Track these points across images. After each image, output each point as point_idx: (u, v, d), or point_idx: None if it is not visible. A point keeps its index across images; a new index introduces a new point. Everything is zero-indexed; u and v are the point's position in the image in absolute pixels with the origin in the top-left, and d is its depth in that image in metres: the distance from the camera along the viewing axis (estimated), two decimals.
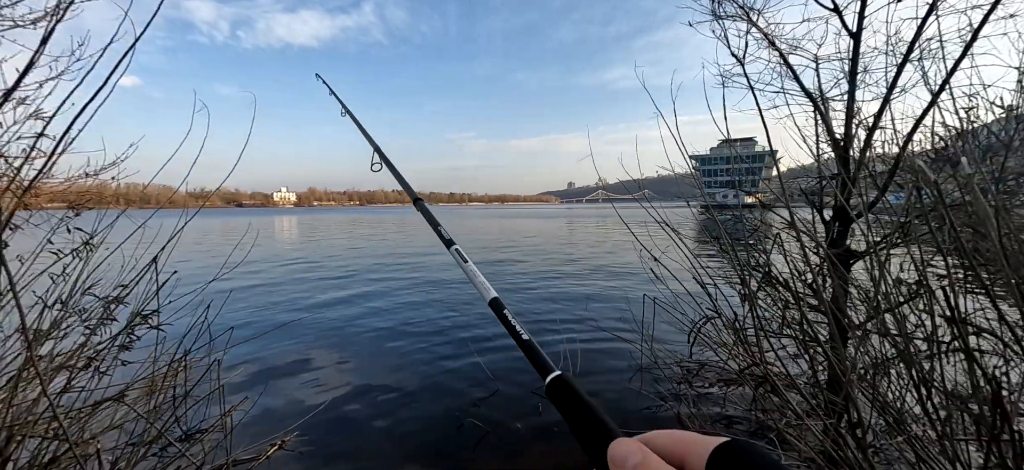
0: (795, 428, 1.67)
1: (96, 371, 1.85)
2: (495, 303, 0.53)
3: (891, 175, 2.38)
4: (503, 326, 0.49)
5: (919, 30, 2.29)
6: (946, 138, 2.34)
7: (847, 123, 2.67)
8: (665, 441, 0.32)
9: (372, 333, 5.55)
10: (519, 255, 13.54)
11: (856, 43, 2.63)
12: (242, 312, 6.53)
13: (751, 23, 2.79)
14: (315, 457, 2.84)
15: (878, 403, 1.61)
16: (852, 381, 1.36)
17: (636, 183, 3.03)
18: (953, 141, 2.26)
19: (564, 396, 0.38)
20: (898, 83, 2.49)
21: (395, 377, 4.15)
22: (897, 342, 1.52)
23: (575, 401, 0.37)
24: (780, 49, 2.87)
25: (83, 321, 2.03)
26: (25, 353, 1.57)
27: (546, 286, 8.72)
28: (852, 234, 2.77)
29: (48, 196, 2.49)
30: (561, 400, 0.39)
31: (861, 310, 2.31)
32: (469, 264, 0.62)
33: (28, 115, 2.17)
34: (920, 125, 2.30)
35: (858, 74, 2.66)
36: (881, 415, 1.60)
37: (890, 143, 2.65)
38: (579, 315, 6.17)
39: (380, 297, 7.68)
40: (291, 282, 9.29)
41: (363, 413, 3.43)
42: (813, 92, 2.90)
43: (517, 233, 23.55)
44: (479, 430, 3.07)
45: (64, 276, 2.11)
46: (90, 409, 1.78)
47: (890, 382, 1.61)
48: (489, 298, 0.55)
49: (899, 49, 2.47)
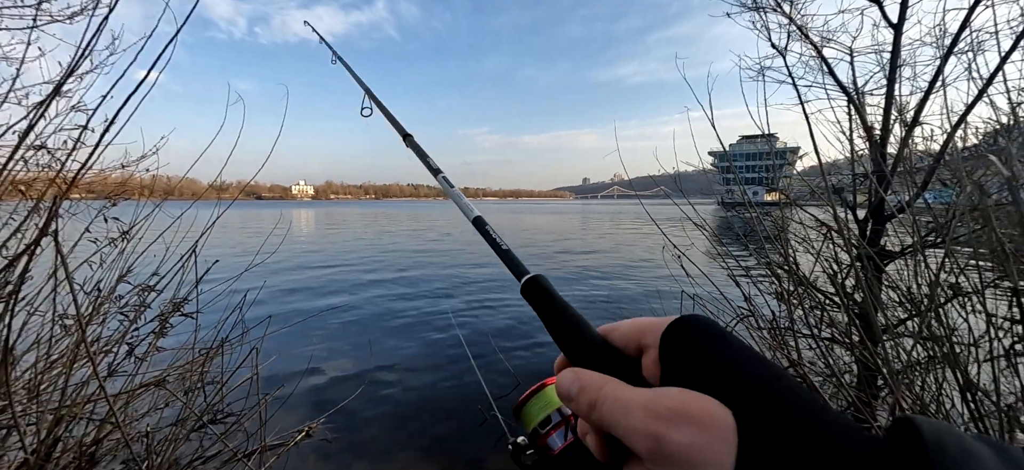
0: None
1: (135, 357, 1.91)
2: (478, 221, 0.58)
3: (932, 172, 2.29)
4: (485, 240, 0.55)
5: (965, 20, 2.20)
6: (991, 134, 2.24)
7: (885, 118, 2.58)
8: (624, 328, 0.33)
9: (397, 326, 5.61)
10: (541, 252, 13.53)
11: (897, 35, 2.53)
12: (273, 302, 6.68)
13: (786, 17, 2.71)
14: (339, 446, 2.89)
15: (917, 408, 1.56)
16: (899, 386, 1.32)
17: (653, 179, 2.97)
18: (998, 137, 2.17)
19: (538, 296, 0.40)
20: (939, 77, 2.40)
21: (419, 371, 4.19)
22: (942, 346, 1.47)
23: (548, 300, 0.39)
24: (814, 41, 2.78)
25: (121, 309, 2.09)
26: (76, 336, 1.62)
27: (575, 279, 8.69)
28: (884, 233, 2.68)
29: (86, 187, 2.58)
30: (536, 299, 0.40)
31: (899, 312, 2.23)
32: (454, 189, 0.69)
33: (70, 107, 2.24)
34: (962, 122, 2.21)
35: (897, 68, 2.56)
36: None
37: (929, 139, 2.56)
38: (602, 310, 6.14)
39: (406, 290, 7.76)
40: (318, 273, 9.46)
41: (386, 405, 3.48)
42: (848, 86, 2.81)
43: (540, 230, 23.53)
44: (501, 426, 3.08)
45: (102, 265, 2.18)
46: (130, 394, 1.83)
47: (937, 388, 1.56)
48: (472, 217, 0.60)
49: (943, 41, 2.37)
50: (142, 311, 2.05)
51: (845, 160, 2.92)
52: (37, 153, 2.06)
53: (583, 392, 0.29)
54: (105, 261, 2.20)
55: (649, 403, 0.25)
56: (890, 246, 2.62)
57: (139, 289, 2.15)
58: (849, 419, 0.24)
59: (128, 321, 2.00)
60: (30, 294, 1.85)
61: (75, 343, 1.61)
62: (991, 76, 1.93)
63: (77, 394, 1.59)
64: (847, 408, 1.70)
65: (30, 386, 1.65)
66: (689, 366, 0.27)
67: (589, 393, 0.29)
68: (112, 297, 2.12)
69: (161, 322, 2.10)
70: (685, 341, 0.28)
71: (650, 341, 0.31)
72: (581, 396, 0.29)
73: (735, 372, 0.25)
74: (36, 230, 1.12)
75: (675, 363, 0.28)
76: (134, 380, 1.82)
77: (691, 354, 0.28)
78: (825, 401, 0.24)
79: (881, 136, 2.60)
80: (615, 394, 0.28)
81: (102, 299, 1.96)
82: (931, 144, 2.49)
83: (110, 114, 1.70)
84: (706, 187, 4.00)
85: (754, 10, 2.91)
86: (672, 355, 0.29)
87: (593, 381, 0.30)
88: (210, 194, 2.67)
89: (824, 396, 1.53)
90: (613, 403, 0.27)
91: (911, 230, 1.92)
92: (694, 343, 0.28)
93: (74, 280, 1.09)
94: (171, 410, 2.16)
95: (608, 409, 0.27)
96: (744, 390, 0.24)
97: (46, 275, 1.79)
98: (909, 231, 2.32)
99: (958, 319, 1.66)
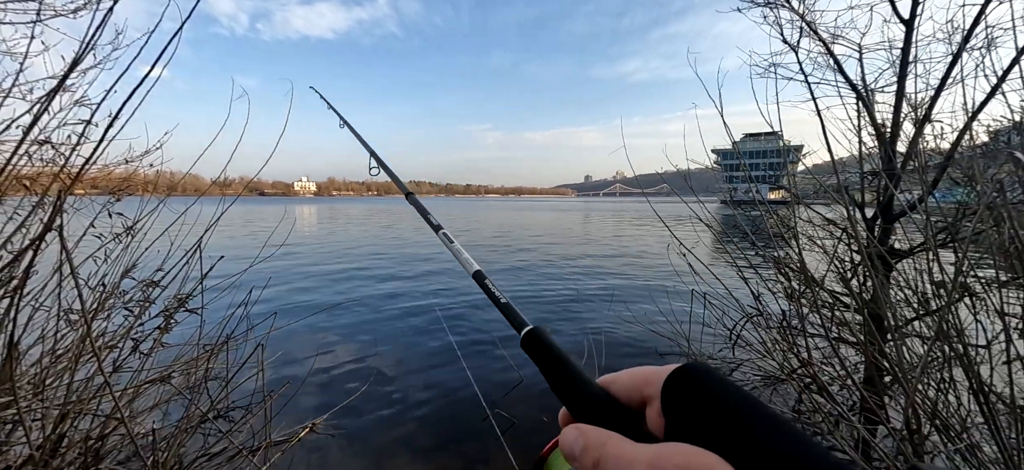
0: (840, 431, 1.61)
1: (140, 353, 1.90)
2: (478, 275, 0.59)
3: (942, 169, 2.26)
4: (486, 294, 0.55)
5: (979, 15, 2.16)
6: (1004, 131, 2.21)
7: (895, 116, 2.54)
8: (626, 379, 0.34)
9: (399, 323, 5.61)
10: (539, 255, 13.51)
11: (908, 30, 2.49)
12: (278, 298, 6.68)
13: (797, 14, 2.67)
14: (343, 441, 2.89)
15: (928, 409, 1.54)
16: (913, 387, 1.30)
17: (660, 176, 2.95)
18: (1012, 134, 2.14)
19: (538, 349, 0.41)
20: (951, 74, 2.36)
21: (421, 367, 4.19)
22: (955, 346, 1.45)
23: (548, 353, 0.39)
24: (823, 38, 2.75)
25: (126, 304, 2.09)
26: (82, 331, 1.62)
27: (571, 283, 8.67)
28: (893, 232, 2.65)
29: (90, 182, 2.57)
30: (536, 353, 0.41)
31: (906, 312, 2.21)
32: (455, 243, 0.68)
33: (74, 102, 2.23)
34: (975, 118, 2.18)
35: (908, 64, 2.53)
36: (930, 422, 1.54)
37: (939, 137, 2.52)
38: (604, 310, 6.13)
39: (409, 287, 7.76)
40: (322, 270, 9.47)
41: (389, 401, 3.48)
42: (857, 83, 2.78)
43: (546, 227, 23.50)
44: (505, 421, 3.08)
45: (107, 261, 2.17)
46: (135, 389, 1.83)
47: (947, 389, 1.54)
48: (472, 271, 0.61)
49: (954, 38, 2.34)
50: (147, 307, 2.04)
51: (852, 158, 2.89)
52: (41, 148, 2.05)
53: (586, 451, 0.29)
54: (109, 256, 2.19)
55: (652, 462, 0.25)
56: (897, 245, 2.59)
57: (143, 285, 2.15)
58: (854, 467, 0.23)
59: (133, 317, 1.99)
60: (35, 289, 1.84)
61: (80, 338, 1.60)
62: (1006, 71, 1.90)
63: (82, 390, 1.58)
64: (857, 409, 1.69)
65: (35, 381, 1.64)
66: (692, 419, 0.28)
67: (592, 452, 0.29)
68: (117, 292, 2.12)
69: (166, 318, 2.09)
70: (685, 393, 0.29)
71: (652, 393, 0.31)
72: (585, 455, 0.29)
73: (737, 425, 0.25)
74: (41, 225, 1.11)
75: (678, 415, 0.29)
76: (139, 376, 1.82)
77: (693, 406, 0.28)
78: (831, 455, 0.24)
79: (891, 133, 2.56)
80: (618, 452, 0.28)
81: (107, 294, 1.95)
82: (941, 141, 2.46)
83: (114, 109, 1.69)
84: (710, 185, 3.96)
85: (764, 5, 2.87)
86: (674, 407, 0.29)
87: (596, 438, 0.30)
88: (213, 190, 2.66)
89: (834, 397, 1.52)
90: (616, 461, 0.27)
91: (921, 229, 1.90)
92: (695, 395, 0.28)
93: (79, 275, 1.08)
94: (176, 406, 2.16)
95: (611, 468, 0.27)
96: (746, 444, 0.24)
97: (51, 270, 1.79)
98: (919, 229, 2.30)
99: (968, 319, 1.65)
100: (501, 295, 0.54)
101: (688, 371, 0.30)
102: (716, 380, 0.28)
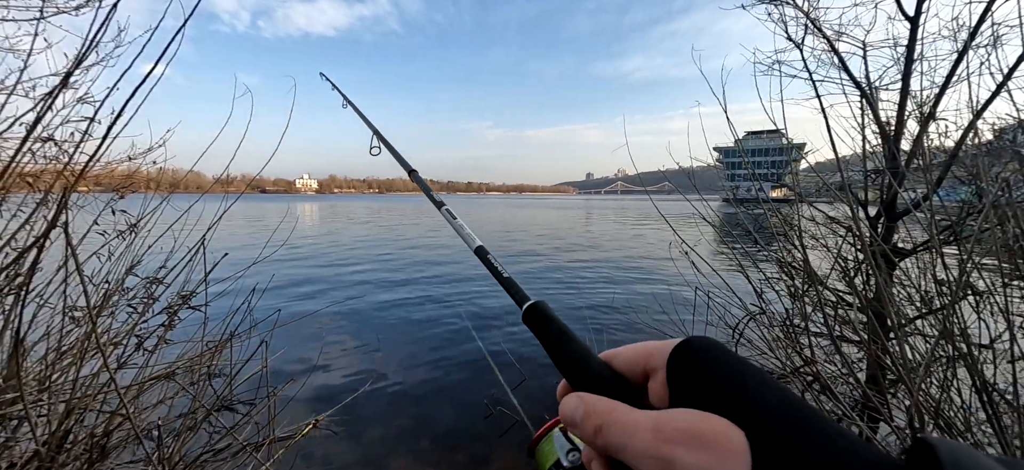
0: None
1: (144, 350, 1.91)
2: (479, 250, 0.59)
3: (947, 167, 2.25)
4: (487, 270, 0.55)
5: (985, 12, 2.15)
6: (1009, 129, 2.20)
7: (899, 113, 2.53)
8: (628, 353, 0.33)
9: (403, 321, 5.63)
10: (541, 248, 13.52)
11: (913, 27, 2.48)
12: (281, 296, 6.70)
13: (801, 11, 2.66)
14: (347, 437, 2.90)
15: (931, 408, 1.54)
16: (916, 385, 1.30)
17: (662, 174, 2.94)
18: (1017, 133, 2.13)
19: (539, 322, 0.41)
20: (956, 71, 2.35)
21: (424, 365, 4.20)
22: (959, 345, 1.45)
23: (549, 327, 0.40)
24: (827, 36, 2.74)
25: (130, 301, 2.09)
26: (87, 328, 1.63)
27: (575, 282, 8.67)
28: (896, 230, 2.64)
29: (93, 180, 2.58)
30: (537, 326, 0.41)
31: (909, 310, 2.21)
32: (457, 220, 0.68)
33: (77, 99, 2.23)
34: (980, 116, 2.16)
35: (913, 62, 2.51)
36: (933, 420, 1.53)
37: (944, 135, 2.51)
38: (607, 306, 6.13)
39: (412, 284, 7.77)
40: (326, 268, 9.49)
41: (393, 398, 3.49)
42: (861, 80, 2.76)
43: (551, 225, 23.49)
44: (507, 419, 3.09)
45: (111, 258, 2.18)
46: (140, 386, 1.84)
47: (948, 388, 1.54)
48: (474, 246, 0.60)
49: (960, 35, 2.32)
50: (151, 304, 2.05)
51: (855, 156, 2.87)
52: (45, 145, 2.06)
53: (588, 416, 0.29)
54: (113, 254, 2.20)
55: (658, 425, 0.24)
56: (900, 244, 2.59)
57: (147, 282, 2.15)
58: (864, 442, 0.23)
59: (137, 314, 2.00)
60: (39, 286, 1.85)
61: (85, 335, 1.61)
62: (1012, 68, 1.89)
63: (87, 386, 1.59)
64: (860, 408, 1.69)
65: (41, 378, 1.65)
66: (698, 388, 0.27)
67: (594, 417, 0.28)
68: (121, 289, 2.12)
69: (169, 315, 2.10)
70: (693, 362, 0.28)
71: (657, 364, 0.30)
72: (586, 420, 0.29)
73: (747, 393, 0.25)
74: (45, 222, 1.11)
75: (684, 385, 0.28)
76: (144, 373, 1.82)
77: (700, 375, 0.27)
78: (838, 426, 0.23)
79: (895, 131, 2.55)
80: (621, 418, 0.27)
81: (111, 291, 1.96)
82: (946, 139, 2.45)
83: (117, 107, 1.69)
84: (712, 183, 3.94)
85: (769, 2, 2.86)
86: (680, 377, 0.28)
87: (598, 404, 0.29)
88: (216, 188, 2.67)
89: (837, 395, 1.51)
90: (620, 426, 0.26)
91: (925, 227, 1.89)
92: (703, 364, 0.27)
93: (84, 272, 1.09)
94: (180, 402, 2.17)
95: (615, 432, 0.26)
96: (757, 411, 0.23)
97: (56, 267, 1.79)
98: (923, 228, 2.29)
99: (971, 317, 1.64)
100: (503, 270, 0.53)
101: (695, 342, 0.29)
102: (725, 351, 0.28)
